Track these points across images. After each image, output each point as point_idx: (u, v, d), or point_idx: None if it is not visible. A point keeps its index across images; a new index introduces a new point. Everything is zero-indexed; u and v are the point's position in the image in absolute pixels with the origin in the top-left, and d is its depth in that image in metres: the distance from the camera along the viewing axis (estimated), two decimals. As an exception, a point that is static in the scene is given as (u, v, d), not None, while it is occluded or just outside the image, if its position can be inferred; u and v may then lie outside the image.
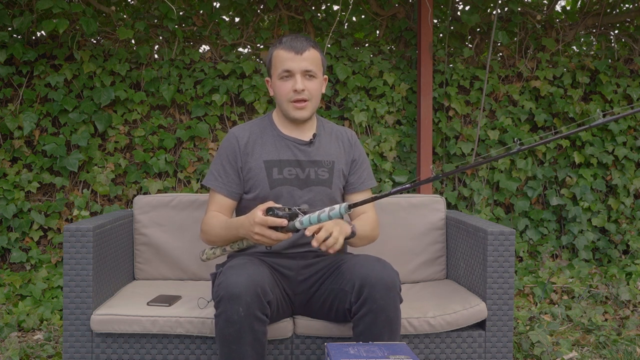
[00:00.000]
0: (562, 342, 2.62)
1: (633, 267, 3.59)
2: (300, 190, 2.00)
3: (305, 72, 1.94)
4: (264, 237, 1.72)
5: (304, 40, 1.95)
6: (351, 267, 1.83)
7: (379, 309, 1.74)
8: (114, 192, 3.49)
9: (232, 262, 1.84)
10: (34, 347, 2.56)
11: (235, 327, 1.67)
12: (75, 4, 3.41)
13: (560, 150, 3.92)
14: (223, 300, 1.68)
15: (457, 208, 3.76)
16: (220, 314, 1.70)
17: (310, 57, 1.94)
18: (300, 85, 1.93)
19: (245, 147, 2.02)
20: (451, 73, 3.79)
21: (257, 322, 1.69)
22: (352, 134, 2.16)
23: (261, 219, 1.70)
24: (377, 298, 1.73)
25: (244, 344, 1.69)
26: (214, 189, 2.02)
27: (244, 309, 1.66)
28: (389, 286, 1.75)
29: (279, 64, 1.95)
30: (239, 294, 1.66)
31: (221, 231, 1.93)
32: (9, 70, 3.43)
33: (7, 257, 3.47)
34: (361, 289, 1.75)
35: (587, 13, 4.04)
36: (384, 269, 1.78)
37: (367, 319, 1.75)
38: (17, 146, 3.43)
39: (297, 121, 2.01)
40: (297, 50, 1.92)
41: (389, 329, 1.76)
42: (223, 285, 1.69)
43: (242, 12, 3.83)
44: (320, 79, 2.00)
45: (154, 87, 3.56)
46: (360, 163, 2.12)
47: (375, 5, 3.87)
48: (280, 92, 1.97)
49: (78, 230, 2.02)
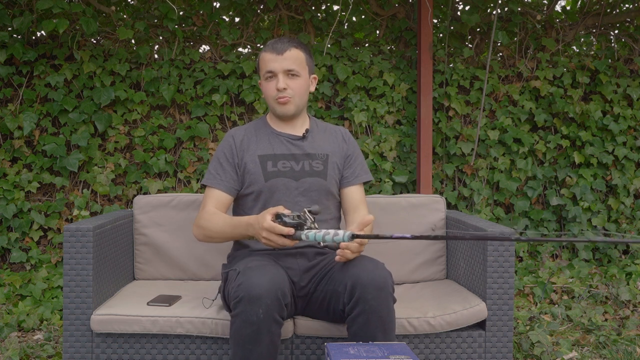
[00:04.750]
0: (562, 342, 2.62)
1: (633, 267, 3.59)
2: (296, 181, 2.03)
3: (287, 71, 2.00)
4: (271, 241, 1.74)
5: (287, 42, 2.02)
6: (344, 268, 1.84)
7: (370, 309, 1.74)
8: (114, 192, 3.49)
9: (250, 263, 1.84)
10: (34, 347, 2.56)
11: (253, 328, 1.68)
12: (75, 4, 3.41)
13: (561, 150, 3.92)
14: (243, 301, 1.68)
15: (457, 208, 3.76)
16: (238, 314, 1.69)
17: (291, 57, 2.00)
18: (282, 84, 1.99)
19: (241, 144, 2.08)
20: (451, 73, 3.79)
21: (274, 325, 1.70)
22: (345, 131, 2.20)
23: (269, 224, 1.71)
24: (368, 299, 1.73)
25: (260, 346, 1.69)
26: (212, 185, 2.06)
27: (264, 310, 1.67)
28: (380, 286, 1.74)
29: (263, 65, 2.03)
30: (260, 295, 1.67)
31: (227, 228, 1.94)
32: (9, 70, 3.43)
33: (7, 257, 3.47)
34: (353, 289, 1.76)
35: (587, 13, 4.04)
36: (376, 269, 1.78)
37: (360, 319, 1.75)
38: (17, 146, 3.43)
39: (285, 117, 2.07)
40: (278, 51, 1.99)
41: (382, 329, 1.76)
42: (244, 286, 1.69)
43: (242, 12, 3.83)
44: (304, 77, 2.04)
45: (154, 87, 3.56)
46: (355, 158, 2.15)
47: (375, 5, 3.87)
48: (266, 92, 2.05)
49: (78, 230, 2.02)
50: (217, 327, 1.97)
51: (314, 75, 2.11)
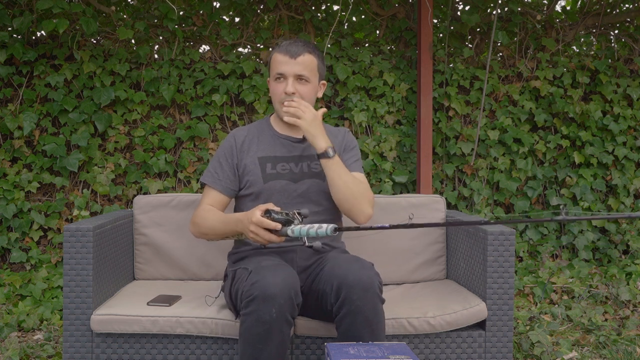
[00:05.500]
0: (562, 342, 2.62)
1: (633, 267, 3.59)
2: (295, 183, 2.04)
3: (298, 76, 2.00)
4: (258, 236, 1.77)
5: (301, 45, 2.00)
6: (330, 268, 1.85)
7: (356, 310, 1.73)
8: (114, 192, 3.49)
9: (263, 262, 1.84)
10: (34, 347, 2.56)
11: (264, 327, 1.68)
12: (75, 4, 3.41)
13: (560, 150, 3.92)
14: (257, 300, 1.68)
15: (457, 208, 3.76)
16: (250, 312, 1.69)
17: (304, 62, 1.99)
18: (291, 89, 1.98)
19: (242, 145, 2.09)
20: (451, 73, 3.79)
21: (286, 325, 1.71)
22: (345, 130, 2.21)
23: (258, 219, 1.75)
24: (354, 299, 1.73)
25: (270, 345, 1.70)
26: (209, 184, 2.07)
27: (277, 310, 1.67)
28: (366, 287, 1.74)
29: (274, 66, 2.02)
30: (274, 295, 1.67)
31: (218, 224, 1.97)
32: (9, 70, 3.43)
33: (7, 257, 3.47)
34: (339, 290, 1.75)
35: (587, 13, 4.04)
36: (362, 269, 1.78)
37: (346, 320, 1.75)
38: (17, 146, 3.43)
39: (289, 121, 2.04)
40: (291, 54, 1.98)
41: (369, 330, 1.75)
42: (258, 284, 1.69)
43: (242, 12, 3.83)
44: (313, 84, 2.04)
45: (154, 87, 3.56)
46: (350, 150, 2.14)
47: (375, 5, 3.87)
48: (273, 93, 2.05)
49: (78, 230, 2.02)
50: (217, 327, 1.97)
51: (323, 81, 2.11)
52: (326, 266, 1.89)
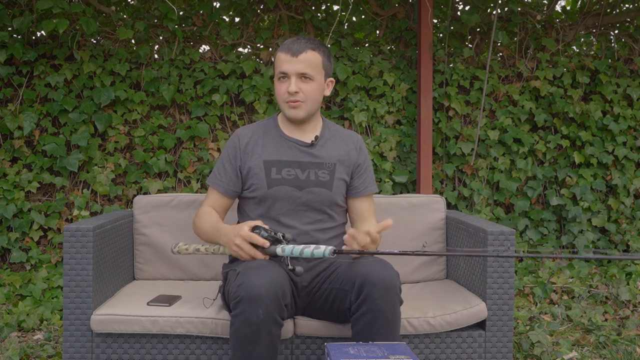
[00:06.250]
0: (562, 342, 2.62)
1: (633, 267, 3.59)
2: (300, 191, 2.00)
3: (300, 74, 1.94)
4: (242, 250, 1.80)
5: (304, 43, 1.95)
6: (352, 267, 1.85)
7: (377, 308, 1.74)
8: (114, 192, 3.49)
9: (250, 263, 1.83)
10: (34, 347, 2.56)
11: (252, 329, 1.67)
12: (75, 4, 3.41)
13: (560, 150, 3.92)
14: (243, 301, 1.68)
15: (457, 208, 3.76)
16: (238, 314, 1.69)
17: (306, 60, 1.93)
18: (294, 87, 1.93)
19: (246, 146, 2.04)
20: (451, 73, 3.79)
21: (274, 325, 1.70)
22: (358, 138, 2.15)
23: (246, 233, 1.78)
24: (375, 297, 1.73)
25: (260, 346, 1.69)
26: (212, 185, 2.07)
27: (264, 310, 1.67)
28: (388, 286, 1.75)
29: (277, 65, 1.98)
30: (260, 295, 1.66)
31: (209, 229, 1.99)
32: (9, 70, 3.43)
33: (7, 257, 3.47)
34: (361, 287, 1.76)
35: (587, 13, 4.04)
36: (385, 269, 1.78)
37: (365, 318, 1.75)
38: (17, 146, 3.43)
39: (296, 121, 2.02)
40: (293, 52, 1.93)
41: (387, 330, 1.75)
42: (244, 286, 1.69)
43: (242, 12, 3.83)
44: (318, 81, 1.97)
45: (154, 87, 3.56)
46: (365, 168, 2.11)
47: (375, 5, 3.87)
48: (277, 93, 2.01)
49: (78, 230, 2.02)
50: (217, 327, 1.97)
51: (330, 78, 2.04)
52: (344, 265, 1.90)
